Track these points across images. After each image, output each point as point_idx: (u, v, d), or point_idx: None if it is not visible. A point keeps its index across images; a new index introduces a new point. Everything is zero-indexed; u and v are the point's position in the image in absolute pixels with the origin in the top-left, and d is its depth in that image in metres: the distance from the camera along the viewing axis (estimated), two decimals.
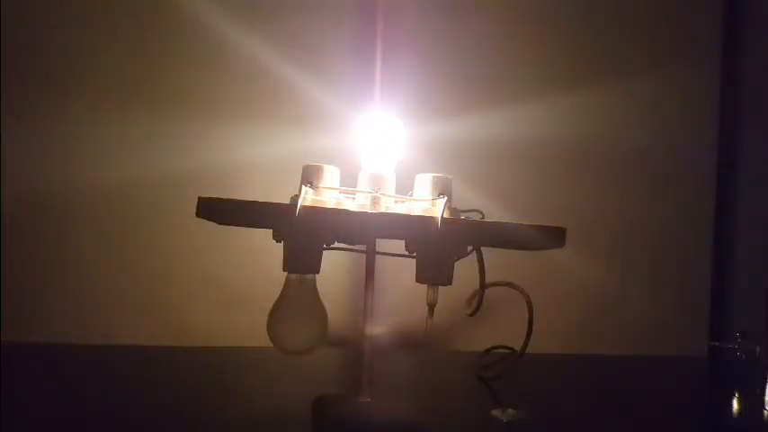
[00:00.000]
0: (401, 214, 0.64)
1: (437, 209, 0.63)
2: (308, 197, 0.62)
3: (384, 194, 0.64)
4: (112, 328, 1.00)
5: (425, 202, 0.65)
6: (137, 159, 1.01)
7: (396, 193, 0.66)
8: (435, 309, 0.64)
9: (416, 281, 0.63)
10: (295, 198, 0.62)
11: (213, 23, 1.03)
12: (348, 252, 0.67)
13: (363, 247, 0.67)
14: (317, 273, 0.62)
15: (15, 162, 0.98)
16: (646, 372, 1.07)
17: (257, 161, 1.03)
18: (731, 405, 0.89)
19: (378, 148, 0.69)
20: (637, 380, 1.01)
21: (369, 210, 0.63)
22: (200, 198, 0.60)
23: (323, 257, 0.62)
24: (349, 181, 0.67)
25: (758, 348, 1.08)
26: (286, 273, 0.63)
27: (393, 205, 0.65)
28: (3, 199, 0.97)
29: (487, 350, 0.94)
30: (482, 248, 0.72)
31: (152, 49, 1.03)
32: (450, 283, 0.63)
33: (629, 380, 1.01)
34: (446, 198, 0.64)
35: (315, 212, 0.61)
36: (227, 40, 1.03)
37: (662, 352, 1.16)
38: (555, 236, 0.65)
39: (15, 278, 0.97)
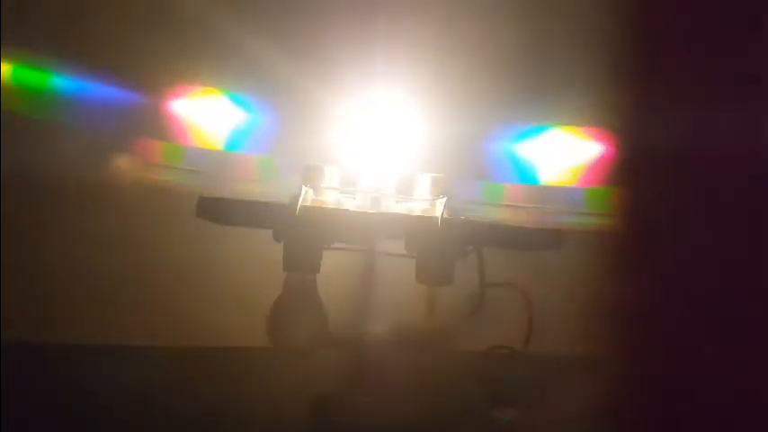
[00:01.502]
0: (401, 214, 0.64)
1: (437, 209, 0.63)
2: (308, 197, 0.62)
3: (384, 194, 0.64)
4: (113, 328, 1.00)
5: (425, 202, 0.65)
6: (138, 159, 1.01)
7: (396, 193, 0.66)
8: (435, 309, 0.64)
9: (416, 281, 0.63)
10: (295, 198, 0.62)
11: (213, 22, 1.03)
12: (348, 252, 0.67)
13: (363, 247, 0.67)
14: (317, 273, 0.62)
15: (15, 162, 0.97)
16: None
17: (257, 161, 1.03)
18: None
19: (378, 147, 0.69)
20: None
21: (369, 210, 0.63)
22: (200, 198, 0.60)
23: (323, 257, 0.62)
24: (349, 181, 0.66)
25: None
26: (286, 273, 0.63)
27: (393, 205, 0.65)
28: (3, 199, 0.97)
29: (487, 350, 0.94)
30: (482, 248, 0.72)
31: (153, 49, 1.03)
32: (450, 282, 0.63)
33: None
34: (446, 198, 0.64)
35: (315, 212, 0.61)
36: (227, 39, 1.03)
37: None
38: (554, 236, 0.65)
39: (15, 278, 0.97)
